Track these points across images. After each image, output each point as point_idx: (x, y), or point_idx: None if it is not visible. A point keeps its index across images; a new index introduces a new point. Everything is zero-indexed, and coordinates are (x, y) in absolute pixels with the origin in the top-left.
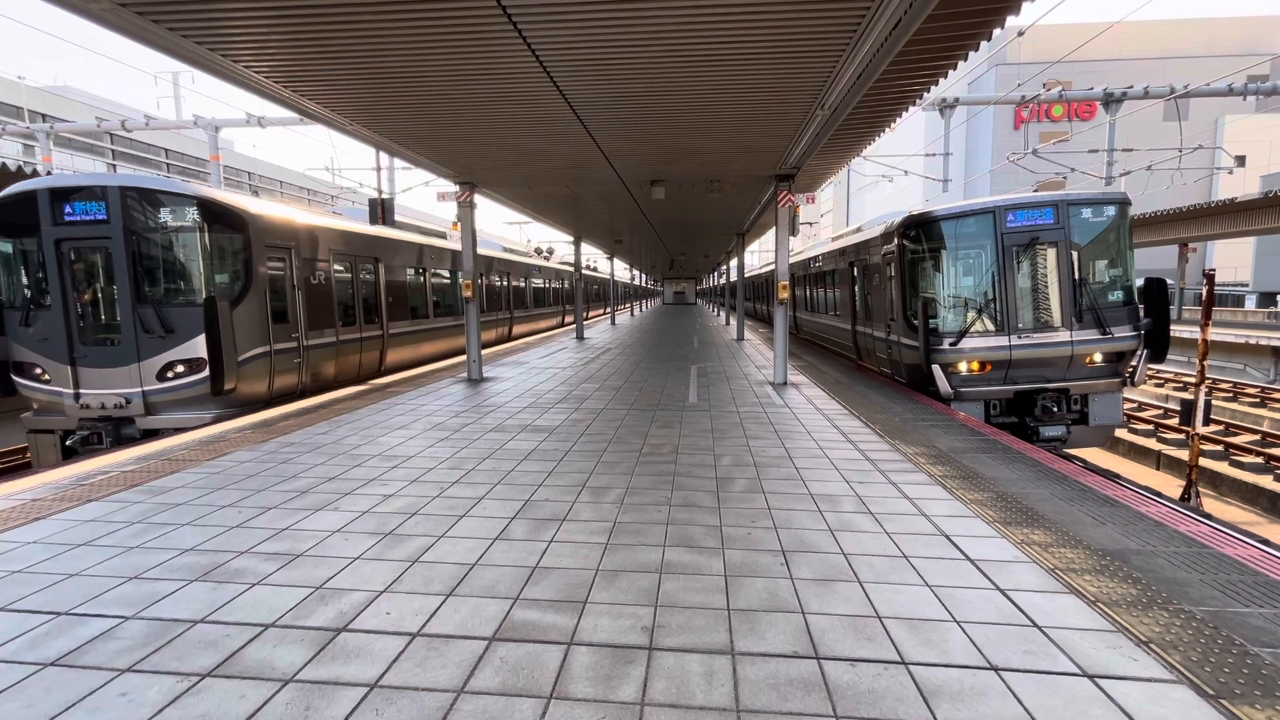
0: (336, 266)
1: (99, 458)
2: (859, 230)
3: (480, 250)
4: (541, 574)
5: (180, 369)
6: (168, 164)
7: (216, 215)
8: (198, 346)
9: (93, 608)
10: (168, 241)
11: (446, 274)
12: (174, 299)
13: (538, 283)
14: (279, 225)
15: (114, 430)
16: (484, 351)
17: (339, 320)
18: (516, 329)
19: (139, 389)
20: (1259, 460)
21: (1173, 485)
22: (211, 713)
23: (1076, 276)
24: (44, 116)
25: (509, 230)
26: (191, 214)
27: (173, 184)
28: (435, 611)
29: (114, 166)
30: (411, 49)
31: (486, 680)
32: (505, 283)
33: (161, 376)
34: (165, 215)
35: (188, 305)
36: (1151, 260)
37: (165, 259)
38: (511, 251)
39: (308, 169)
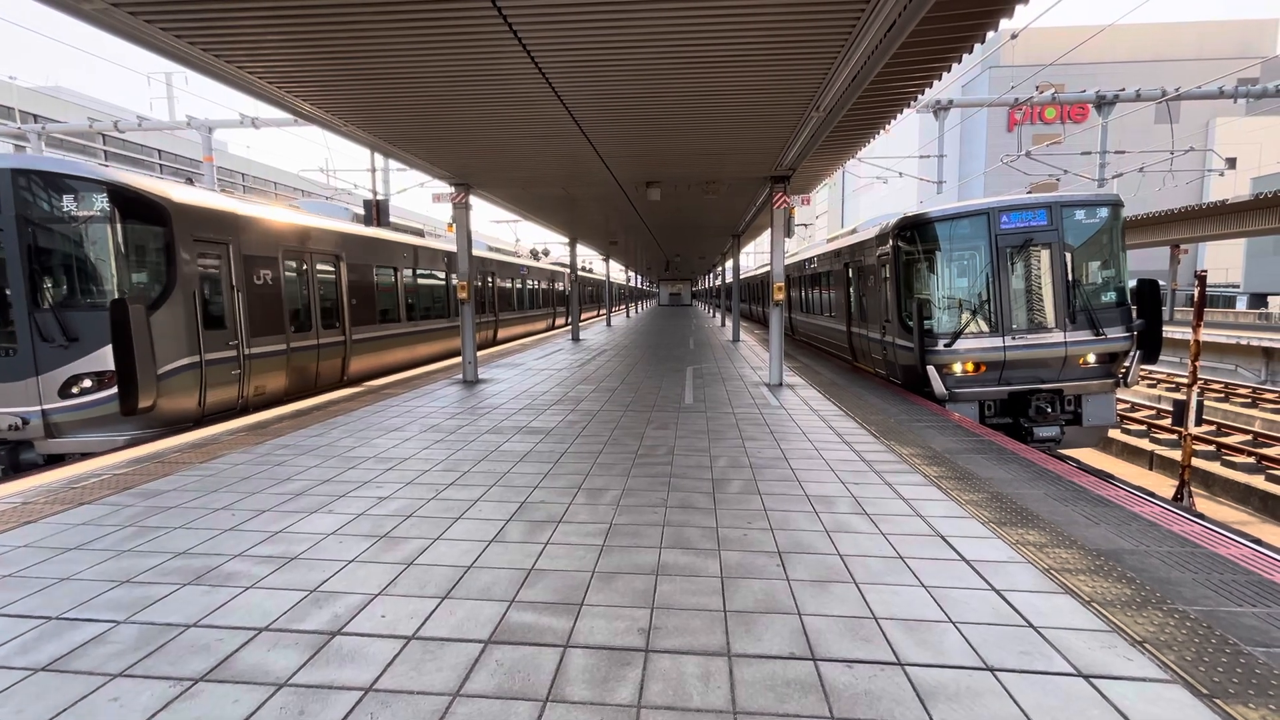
0: (288, 265)
1: (91, 460)
2: (854, 232)
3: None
4: (537, 576)
5: (87, 383)
6: (161, 165)
7: (131, 204)
8: (107, 357)
9: (84, 612)
10: (73, 234)
11: (424, 274)
12: (79, 302)
13: (525, 284)
14: (213, 216)
15: (10, 455)
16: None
17: (290, 325)
18: (502, 333)
19: (38, 407)
20: (1251, 460)
21: (1165, 485)
22: (204, 718)
23: (1070, 278)
24: (35, 117)
25: (498, 229)
26: (100, 202)
27: (77, 166)
28: (431, 614)
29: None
30: (407, 50)
31: (482, 683)
32: (490, 284)
33: (65, 393)
34: (69, 203)
35: (95, 309)
36: (1144, 262)
37: (69, 254)
38: (498, 251)
39: (302, 170)
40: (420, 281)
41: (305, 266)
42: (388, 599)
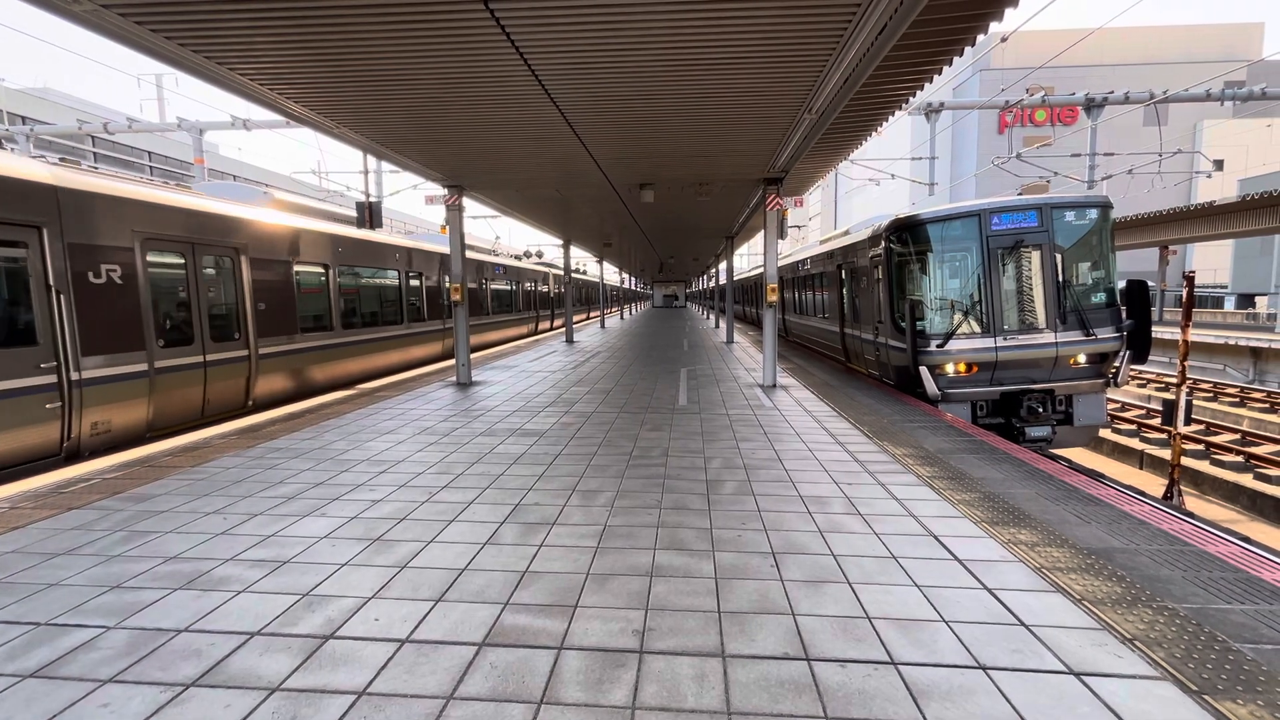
0: (153, 259)
1: (81, 464)
2: (847, 233)
3: (422, 245)
4: (531, 578)
5: None
6: (151, 167)
7: None
8: None
9: (74, 618)
10: None
11: (367, 273)
12: None
13: (500, 285)
14: (6, 189)
15: None
16: (434, 367)
17: (157, 338)
18: (473, 339)
19: None
20: (1239, 459)
21: (1155, 484)
22: None
23: (1060, 278)
24: (24, 119)
25: (474, 225)
26: None
27: None
28: (424, 617)
29: (96, 169)
30: (399, 52)
31: (476, 686)
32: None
33: None
34: None
35: None
36: (1133, 263)
37: None
38: (469, 248)
39: (294, 173)
40: (362, 281)
41: (183, 261)
42: (381, 602)
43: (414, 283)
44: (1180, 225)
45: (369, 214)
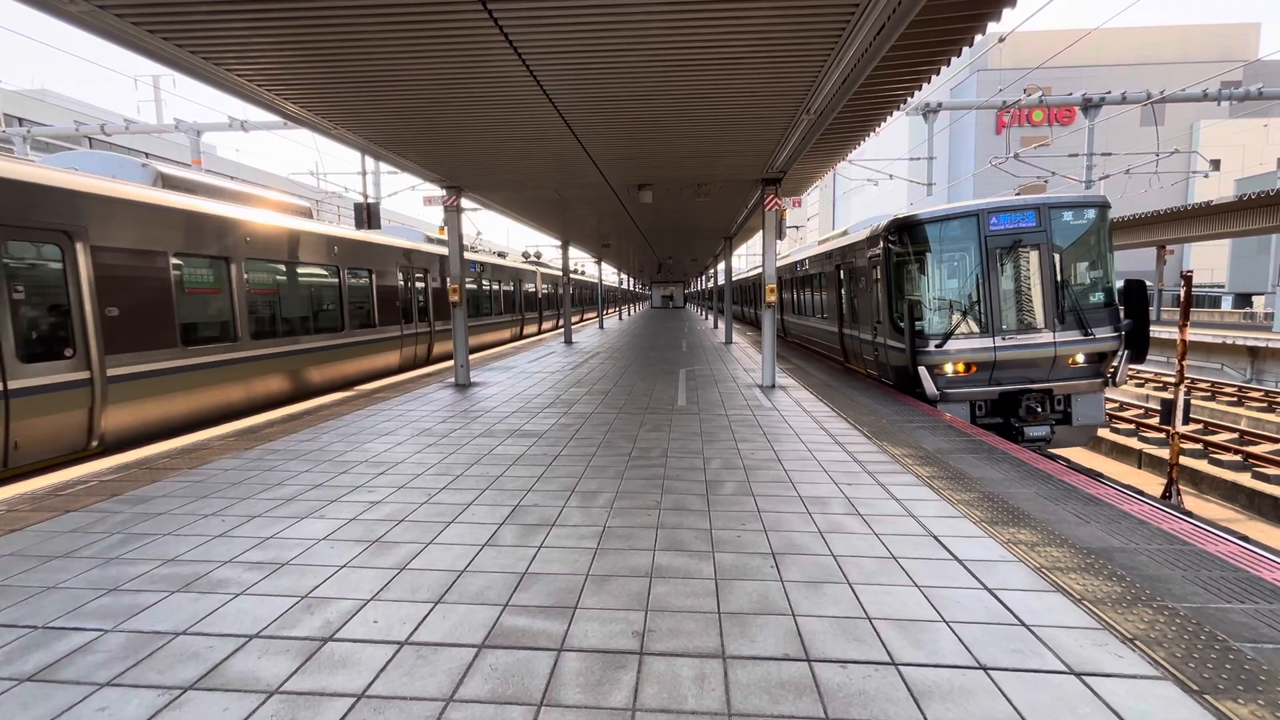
0: None
1: (78, 467)
2: (845, 234)
3: (370, 237)
4: (531, 580)
5: None
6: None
7: None
8: None
9: (71, 621)
10: None
11: (296, 270)
12: None
13: (479, 285)
14: None
15: None
16: (389, 380)
17: None
18: (439, 347)
19: None
20: (1237, 458)
21: (1154, 484)
22: None
23: (1058, 278)
24: (20, 120)
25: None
26: None
27: None
28: (423, 619)
29: None
30: (397, 53)
31: (476, 688)
32: (417, 284)
33: None
34: None
35: None
36: (1130, 262)
37: None
38: (437, 242)
39: (292, 174)
40: (282, 280)
41: None
42: (380, 604)
43: (359, 281)
44: (1177, 225)
45: (367, 215)
